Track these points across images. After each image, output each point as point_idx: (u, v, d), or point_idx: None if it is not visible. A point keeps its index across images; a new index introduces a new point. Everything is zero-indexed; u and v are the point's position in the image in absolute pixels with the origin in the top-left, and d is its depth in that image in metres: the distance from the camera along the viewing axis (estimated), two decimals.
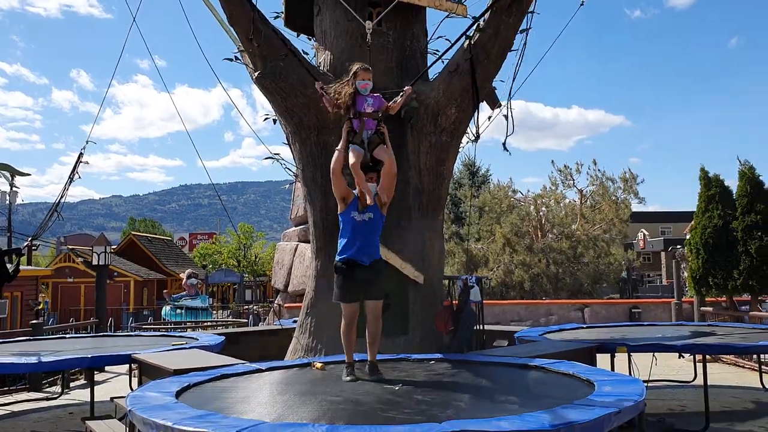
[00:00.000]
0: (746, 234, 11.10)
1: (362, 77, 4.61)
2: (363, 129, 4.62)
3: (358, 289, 4.79)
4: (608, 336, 7.23)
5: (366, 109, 4.65)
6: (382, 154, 4.68)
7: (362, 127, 4.61)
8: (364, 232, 4.83)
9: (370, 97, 4.69)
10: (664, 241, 43.15)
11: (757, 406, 7.27)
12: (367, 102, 4.67)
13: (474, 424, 3.11)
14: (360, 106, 4.66)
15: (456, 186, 30.46)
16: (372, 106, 4.68)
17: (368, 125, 4.67)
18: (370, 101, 4.69)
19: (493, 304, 15.70)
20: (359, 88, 4.64)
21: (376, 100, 4.73)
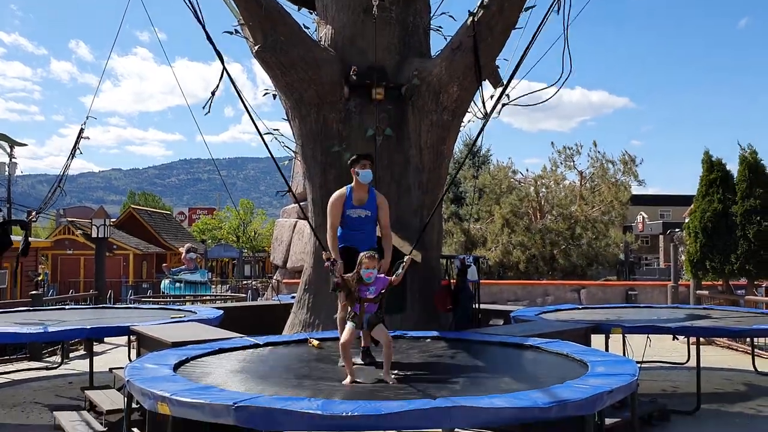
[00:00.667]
0: (745, 219, 11.11)
1: (366, 266, 4.63)
2: (363, 312, 4.64)
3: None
4: (604, 317, 7.28)
5: (367, 296, 4.67)
6: (379, 334, 4.69)
7: (362, 312, 4.63)
8: (360, 225, 5.08)
9: (372, 284, 4.69)
10: (663, 224, 43.20)
11: (748, 388, 7.36)
12: (369, 290, 4.67)
13: (467, 401, 3.15)
14: (362, 293, 4.68)
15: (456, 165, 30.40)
16: (374, 293, 4.68)
17: (368, 309, 4.71)
18: (372, 289, 4.69)
19: (490, 284, 15.78)
20: (363, 277, 4.65)
21: (378, 284, 4.72)
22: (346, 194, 5.25)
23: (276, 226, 19.43)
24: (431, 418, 3.07)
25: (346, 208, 5.13)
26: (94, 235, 13.14)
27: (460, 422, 3.14)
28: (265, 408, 3.14)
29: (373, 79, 7.30)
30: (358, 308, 4.57)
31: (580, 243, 24.12)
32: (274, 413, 3.12)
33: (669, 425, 5.63)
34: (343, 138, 7.41)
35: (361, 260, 4.59)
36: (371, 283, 4.57)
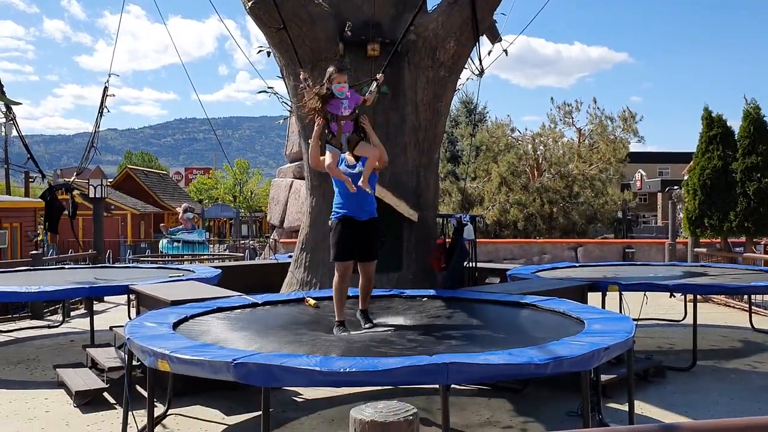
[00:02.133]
0: (745, 175, 11.07)
1: (337, 81, 4.54)
2: (341, 132, 4.55)
3: (354, 247, 4.75)
4: (600, 275, 7.32)
5: (343, 113, 4.59)
6: (364, 150, 4.62)
7: (340, 131, 4.55)
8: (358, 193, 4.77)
9: (345, 99, 4.60)
10: (662, 181, 43.14)
11: (744, 345, 7.44)
12: (343, 105, 4.59)
13: (464, 358, 3.17)
14: (336, 110, 4.60)
15: (453, 124, 30.14)
16: (348, 108, 4.60)
17: (346, 128, 4.64)
18: (345, 104, 4.61)
19: (487, 243, 15.82)
20: (335, 92, 4.55)
21: (351, 99, 4.64)
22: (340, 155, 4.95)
23: (272, 186, 19.36)
24: (428, 374, 3.10)
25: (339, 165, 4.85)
26: (92, 195, 13.09)
27: (456, 378, 3.16)
28: (264, 364, 3.16)
29: (369, 35, 7.15)
30: (336, 128, 4.58)
31: (579, 201, 24.11)
32: (272, 370, 3.14)
33: (664, 381, 5.70)
34: None
35: (331, 75, 4.55)
36: (344, 98, 4.55)
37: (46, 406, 5.12)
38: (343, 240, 4.71)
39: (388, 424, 1.91)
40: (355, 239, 4.72)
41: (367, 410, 2.02)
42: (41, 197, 8.51)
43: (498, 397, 5.11)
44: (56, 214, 8.12)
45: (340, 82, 4.53)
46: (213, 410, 4.89)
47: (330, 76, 4.56)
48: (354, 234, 4.71)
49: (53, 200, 8.07)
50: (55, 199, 8.07)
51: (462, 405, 4.93)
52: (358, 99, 4.70)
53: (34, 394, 5.43)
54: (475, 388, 5.29)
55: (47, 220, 8.15)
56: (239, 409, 4.87)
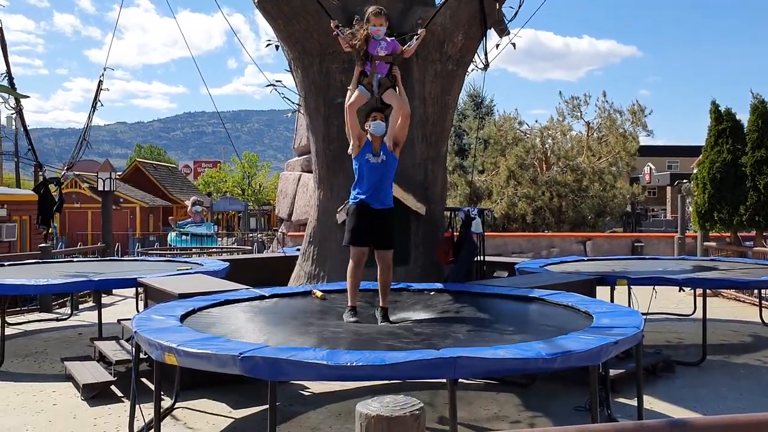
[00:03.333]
0: (755, 169, 10.97)
1: (375, 23, 4.56)
2: (374, 72, 4.55)
3: (368, 233, 4.74)
4: (609, 269, 7.27)
5: (378, 53, 4.62)
6: (391, 98, 4.61)
7: (373, 71, 4.56)
8: (377, 176, 4.74)
9: (383, 41, 4.61)
10: (671, 175, 42.86)
11: (754, 339, 7.39)
12: (380, 45, 4.60)
13: (471, 352, 3.15)
14: (372, 50, 4.62)
15: (460, 117, 30.03)
16: (385, 49, 4.61)
17: (380, 69, 4.64)
18: (383, 44, 4.61)
19: (495, 236, 15.78)
20: (372, 33, 4.54)
21: (389, 44, 4.68)
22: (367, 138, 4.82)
23: (280, 179, 19.38)
24: (435, 368, 3.08)
25: (366, 150, 4.76)
26: (100, 188, 13.13)
27: (464, 372, 3.14)
28: (271, 358, 3.15)
29: None
30: (369, 67, 4.58)
31: (588, 195, 24.00)
32: (279, 363, 3.13)
33: (674, 376, 5.67)
34: (346, 89, 7.27)
35: (368, 17, 4.55)
36: (382, 39, 4.54)
37: (54, 398, 5.15)
38: (357, 225, 4.70)
39: (394, 419, 1.90)
40: (370, 225, 4.70)
41: (373, 404, 2.01)
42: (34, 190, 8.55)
43: (506, 391, 5.10)
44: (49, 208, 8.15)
45: (377, 24, 4.52)
46: (220, 404, 4.90)
47: (367, 17, 4.55)
48: (369, 220, 4.69)
49: (46, 194, 8.10)
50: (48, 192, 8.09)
51: (469, 399, 4.92)
52: (396, 46, 4.68)
53: (41, 386, 5.46)
54: (482, 382, 5.28)
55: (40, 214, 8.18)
56: (246, 402, 4.88)
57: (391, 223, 4.83)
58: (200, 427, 4.46)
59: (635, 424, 1.81)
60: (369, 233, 4.72)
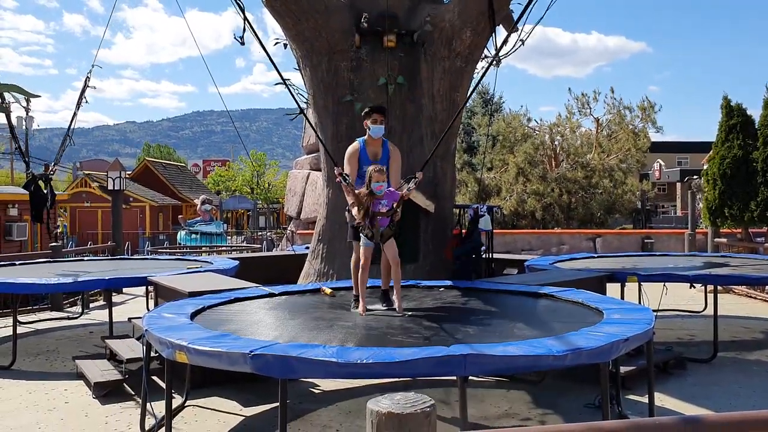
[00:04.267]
0: (766, 165, 10.88)
1: (376, 179, 4.69)
2: (377, 228, 4.74)
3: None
4: (619, 266, 7.24)
5: (380, 209, 4.77)
6: (389, 249, 4.79)
7: (377, 226, 4.73)
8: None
9: (384, 198, 4.77)
10: (681, 171, 42.57)
11: (766, 336, 7.33)
12: (381, 203, 4.76)
13: (482, 349, 3.15)
14: (374, 207, 4.78)
15: (469, 114, 29.97)
16: (386, 206, 4.78)
17: (382, 223, 4.81)
18: (384, 202, 4.78)
19: (505, 234, 15.74)
20: (374, 191, 4.72)
21: (389, 198, 4.82)
22: (360, 147, 5.17)
23: (289, 177, 19.40)
24: (445, 365, 3.08)
25: (363, 163, 5.04)
26: (110, 187, 13.21)
27: (474, 369, 3.14)
28: (281, 356, 3.16)
29: (385, 26, 7.10)
30: (372, 223, 4.69)
31: (597, 191, 23.90)
32: (289, 361, 3.14)
33: (685, 373, 5.63)
34: (355, 87, 7.28)
35: (371, 174, 4.73)
36: (382, 197, 4.70)
37: (66, 397, 5.18)
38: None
39: (405, 416, 1.89)
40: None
41: (383, 402, 2.01)
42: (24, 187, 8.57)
43: (516, 388, 5.09)
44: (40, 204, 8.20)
45: (379, 180, 4.69)
46: (231, 402, 4.92)
47: (369, 175, 4.71)
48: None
49: (37, 190, 8.14)
50: (39, 189, 8.13)
51: (480, 397, 4.91)
52: (396, 196, 4.84)
53: (53, 385, 5.50)
54: (492, 379, 5.27)
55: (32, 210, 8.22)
56: (257, 400, 4.90)
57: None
58: (211, 426, 4.48)
59: (648, 421, 1.80)
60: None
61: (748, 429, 1.80)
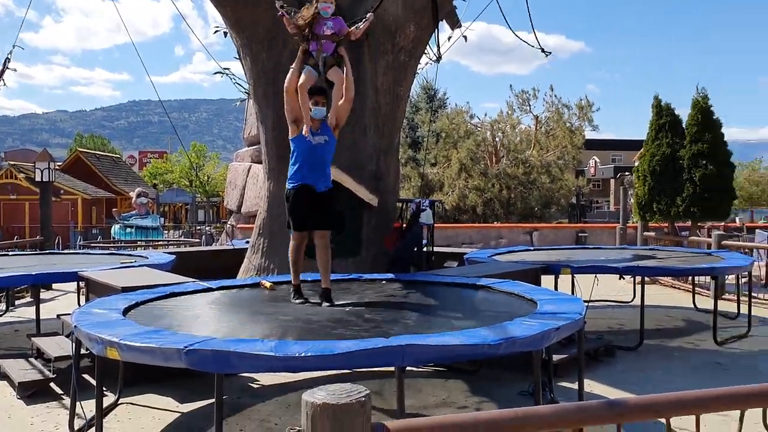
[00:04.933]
0: (692, 162, 11.42)
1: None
2: (320, 52, 4.54)
3: (309, 216, 4.77)
4: (554, 258, 7.46)
5: (325, 32, 4.61)
6: (335, 75, 4.61)
7: (320, 50, 4.56)
8: (317, 157, 4.74)
9: (330, 20, 4.62)
10: (614, 168, 44.15)
11: (687, 324, 7.71)
12: (326, 25, 4.61)
13: (420, 339, 3.19)
14: (319, 29, 4.61)
15: (413, 110, 30.18)
16: (331, 29, 4.62)
17: (326, 48, 4.66)
18: (329, 24, 4.62)
19: (446, 228, 15.96)
20: (321, 10, 4.54)
21: (336, 23, 4.70)
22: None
23: (230, 170, 19.08)
24: (384, 356, 3.10)
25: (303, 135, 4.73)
26: (38, 178, 12.66)
27: (412, 360, 3.18)
28: (218, 351, 3.11)
29: None
30: (316, 47, 4.60)
31: (536, 187, 24.54)
32: (227, 356, 3.10)
33: (614, 360, 5.87)
34: None
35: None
36: (329, 18, 4.57)
37: None
38: (300, 209, 4.72)
39: (341, 406, 1.90)
40: (313, 209, 4.72)
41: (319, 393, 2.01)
42: None
43: (454, 378, 5.18)
44: None
45: (327, 1, 4.55)
46: (166, 398, 4.82)
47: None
48: (312, 204, 4.70)
49: None
50: None
51: (419, 387, 4.98)
52: (343, 26, 4.71)
53: None
54: (432, 369, 5.35)
55: None
56: (194, 396, 4.81)
57: (332, 204, 4.87)
58: (145, 423, 4.37)
59: (574, 405, 1.88)
60: (310, 216, 4.77)
61: (665, 410, 1.90)
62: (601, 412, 1.91)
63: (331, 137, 4.79)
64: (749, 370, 5.56)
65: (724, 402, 1.97)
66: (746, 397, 1.96)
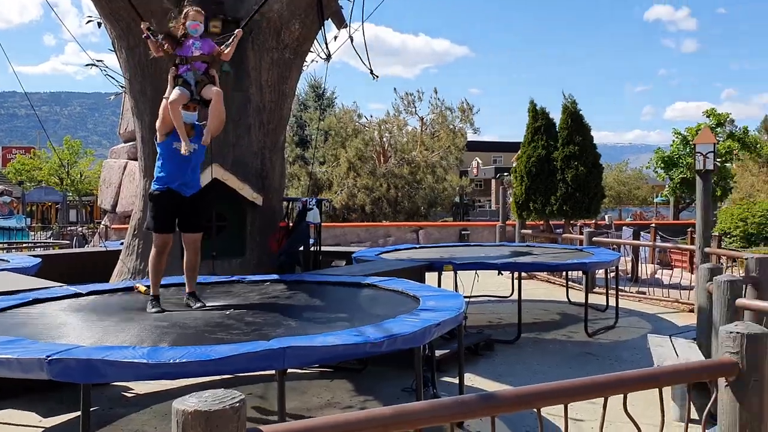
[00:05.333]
0: (564, 163, 12.19)
1: (193, 18, 4.45)
2: (192, 71, 4.46)
3: (174, 220, 4.63)
4: (438, 255, 7.67)
5: (194, 53, 4.48)
6: (209, 92, 4.47)
7: (192, 69, 4.45)
8: (187, 164, 4.59)
9: (198, 40, 4.51)
10: (495, 169, 46.27)
11: (562, 317, 8.20)
12: (195, 45, 4.49)
13: (301, 340, 3.15)
14: (187, 51, 4.48)
15: (301, 108, 29.95)
16: (200, 49, 4.51)
17: (197, 66, 4.48)
18: (198, 44, 4.50)
19: (335, 227, 15.98)
20: (189, 29, 4.44)
21: (205, 44, 4.56)
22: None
23: (104, 167, 17.99)
24: (265, 359, 3.03)
25: (173, 140, 4.57)
26: None
27: (294, 362, 3.13)
28: (84, 359, 2.90)
29: (209, 11, 6.82)
30: (185, 70, 4.43)
31: (422, 186, 25.15)
32: (93, 364, 2.89)
33: (493, 354, 6.12)
34: None
35: (187, 13, 4.43)
36: (197, 37, 4.45)
37: None
38: (164, 212, 4.57)
39: (213, 413, 1.83)
40: (178, 212, 4.60)
41: (190, 400, 1.92)
42: None
43: (339, 378, 5.18)
44: None
45: (196, 19, 4.42)
46: (29, 413, 4.44)
47: (186, 13, 4.42)
48: (177, 206, 4.56)
49: None
50: None
51: (303, 388, 4.93)
52: (212, 46, 4.59)
53: None
54: (316, 370, 5.32)
55: None
56: (61, 409, 4.47)
57: (200, 207, 4.77)
58: None
59: (451, 399, 1.92)
60: (175, 219, 4.64)
61: (535, 401, 1.99)
62: (476, 405, 1.97)
63: (200, 146, 4.63)
64: (615, 360, 6.00)
65: (588, 391, 2.10)
66: (606, 386, 2.10)
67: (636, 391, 2.14)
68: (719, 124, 23.46)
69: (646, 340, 5.32)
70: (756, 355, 2.20)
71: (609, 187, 36.63)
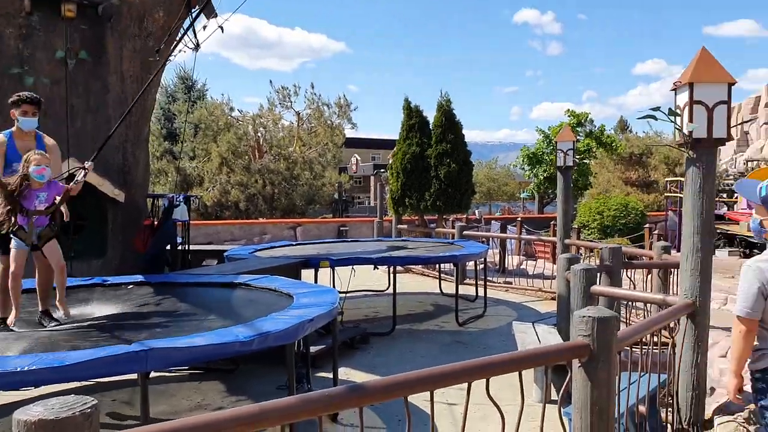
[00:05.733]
0: (438, 160, 12.58)
1: (38, 162, 3.86)
2: (32, 227, 3.90)
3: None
4: (315, 252, 7.63)
5: (36, 206, 3.92)
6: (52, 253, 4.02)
7: (31, 226, 3.89)
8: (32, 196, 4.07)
9: (44, 190, 3.94)
10: (374, 165, 46.88)
11: (435, 308, 8.47)
12: (38, 198, 3.92)
13: (164, 343, 3.00)
14: (30, 204, 3.91)
15: (170, 99, 28.64)
16: (44, 202, 3.96)
17: (39, 222, 3.95)
18: (42, 196, 3.94)
19: (207, 225, 15.46)
20: (33, 174, 3.84)
21: (52, 190, 4.00)
22: (6, 141, 4.20)
23: None
24: (126, 363, 2.85)
25: (11, 160, 4.11)
26: None
27: (158, 364, 2.98)
28: None
29: None
30: (26, 222, 3.91)
31: (299, 183, 24.94)
32: None
33: (369, 347, 6.19)
34: (25, 59, 6.36)
35: (29, 158, 3.87)
36: (42, 187, 3.93)
37: None
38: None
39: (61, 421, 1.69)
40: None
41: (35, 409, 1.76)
42: None
43: (210, 379, 5.01)
44: None
45: (41, 163, 3.84)
46: None
47: (27, 158, 3.86)
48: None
49: None
50: None
51: (171, 392, 4.72)
52: (60, 189, 4.04)
53: None
54: (186, 372, 5.10)
55: None
56: None
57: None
58: None
59: (318, 393, 1.90)
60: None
61: (402, 389, 2.03)
62: (344, 397, 1.97)
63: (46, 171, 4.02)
64: (484, 347, 6.28)
65: (452, 377, 2.17)
66: (469, 371, 2.18)
67: (498, 375, 2.24)
68: (579, 123, 25.25)
69: (511, 327, 5.62)
70: (606, 337, 2.38)
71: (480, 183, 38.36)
